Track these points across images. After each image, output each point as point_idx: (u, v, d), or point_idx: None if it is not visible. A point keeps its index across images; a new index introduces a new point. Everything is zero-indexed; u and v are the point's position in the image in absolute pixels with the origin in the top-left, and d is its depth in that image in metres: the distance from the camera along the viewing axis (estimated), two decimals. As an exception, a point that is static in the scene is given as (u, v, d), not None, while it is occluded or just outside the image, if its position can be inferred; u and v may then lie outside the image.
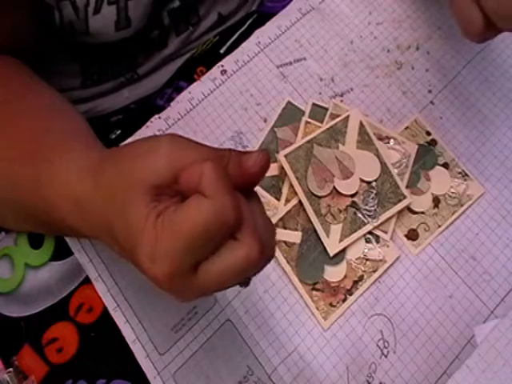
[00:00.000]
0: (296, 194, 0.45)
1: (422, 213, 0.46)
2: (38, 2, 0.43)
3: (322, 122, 0.49)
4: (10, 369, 0.41)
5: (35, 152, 0.37)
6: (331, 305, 0.43)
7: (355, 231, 0.44)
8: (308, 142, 0.47)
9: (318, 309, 0.43)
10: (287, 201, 0.46)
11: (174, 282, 0.28)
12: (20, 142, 0.38)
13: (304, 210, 0.45)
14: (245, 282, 0.32)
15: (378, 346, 0.42)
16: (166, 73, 0.56)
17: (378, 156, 0.47)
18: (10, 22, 0.42)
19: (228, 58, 0.51)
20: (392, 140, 0.48)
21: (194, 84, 0.51)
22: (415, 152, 0.48)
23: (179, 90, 0.51)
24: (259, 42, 0.52)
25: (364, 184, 0.46)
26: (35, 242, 0.45)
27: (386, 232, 0.45)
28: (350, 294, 0.43)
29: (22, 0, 0.42)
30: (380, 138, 0.48)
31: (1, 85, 0.41)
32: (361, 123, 0.48)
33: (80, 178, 0.33)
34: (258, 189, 0.46)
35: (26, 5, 0.42)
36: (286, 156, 0.46)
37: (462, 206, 0.46)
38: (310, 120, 0.49)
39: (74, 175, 0.34)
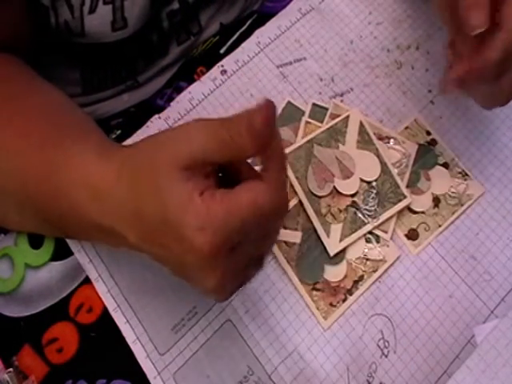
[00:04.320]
0: (296, 193, 0.45)
1: (422, 212, 0.46)
2: (33, 1, 0.43)
3: (322, 121, 0.49)
4: (10, 369, 0.41)
5: (46, 141, 0.37)
6: (331, 305, 0.43)
7: (355, 231, 0.44)
8: (308, 141, 0.47)
9: (318, 309, 0.43)
10: (287, 201, 0.46)
11: (218, 254, 0.29)
12: (29, 133, 0.38)
13: (304, 209, 0.45)
14: None
15: (378, 345, 0.42)
16: (166, 79, 0.56)
17: (378, 156, 0.47)
18: (5, 14, 0.41)
19: (228, 58, 0.51)
20: (392, 140, 0.48)
21: (194, 84, 0.50)
22: (415, 152, 0.48)
23: (179, 90, 0.51)
24: (259, 42, 0.52)
25: (364, 184, 0.46)
26: (35, 241, 0.45)
27: (386, 232, 0.45)
28: (351, 294, 0.43)
29: None
30: (380, 138, 0.48)
31: (5, 82, 0.41)
32: (361, 123, 0.48)
33: (99, 167, 0.33)
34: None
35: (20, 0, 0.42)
36: (286, 156, 0.46)
37: (462, 205, 0.46)
38: (310, 120, 0.49)
39: (91, 161, 0.34)
